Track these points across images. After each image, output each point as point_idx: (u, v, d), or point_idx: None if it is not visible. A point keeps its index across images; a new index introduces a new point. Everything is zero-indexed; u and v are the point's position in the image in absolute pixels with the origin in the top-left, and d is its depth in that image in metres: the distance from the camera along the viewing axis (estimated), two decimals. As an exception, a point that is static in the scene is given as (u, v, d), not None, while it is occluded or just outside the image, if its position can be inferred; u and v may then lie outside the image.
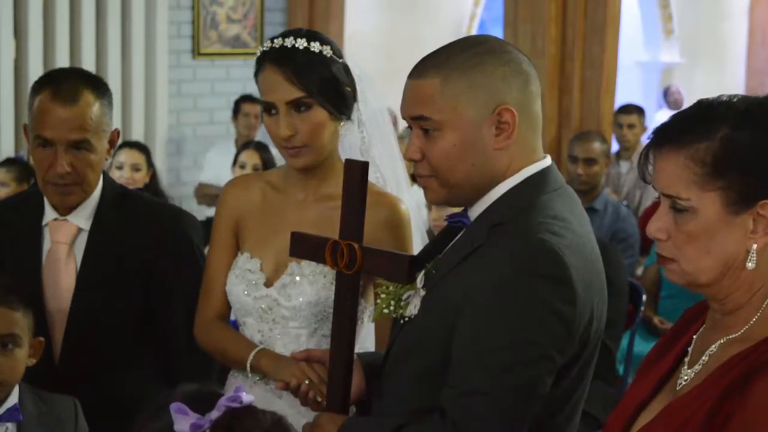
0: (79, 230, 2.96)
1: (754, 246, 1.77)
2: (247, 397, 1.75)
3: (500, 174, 2.18)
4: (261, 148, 6.33)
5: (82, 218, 2.95)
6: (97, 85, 2.92)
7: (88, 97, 2.86)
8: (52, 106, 2.84)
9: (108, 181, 3.01)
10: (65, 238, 2.95)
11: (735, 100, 1.81)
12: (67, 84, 2.88)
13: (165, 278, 2.96)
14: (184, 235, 2.99)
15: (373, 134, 2.76)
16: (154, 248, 2.95)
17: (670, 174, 1.80)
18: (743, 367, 1.72)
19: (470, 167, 2.16)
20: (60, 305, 2.93)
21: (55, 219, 2.96)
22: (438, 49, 2.23)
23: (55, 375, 2.89)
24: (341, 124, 2.65)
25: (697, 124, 1.79)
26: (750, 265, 1.78)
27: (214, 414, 1.74)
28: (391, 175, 2.80)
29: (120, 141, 3.44)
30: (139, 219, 2.99)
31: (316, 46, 2.60)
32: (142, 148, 6.04)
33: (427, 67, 2.18)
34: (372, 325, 2.72)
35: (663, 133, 1.83)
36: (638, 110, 7.99)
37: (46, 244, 2.96)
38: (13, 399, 2.65)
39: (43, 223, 2.97)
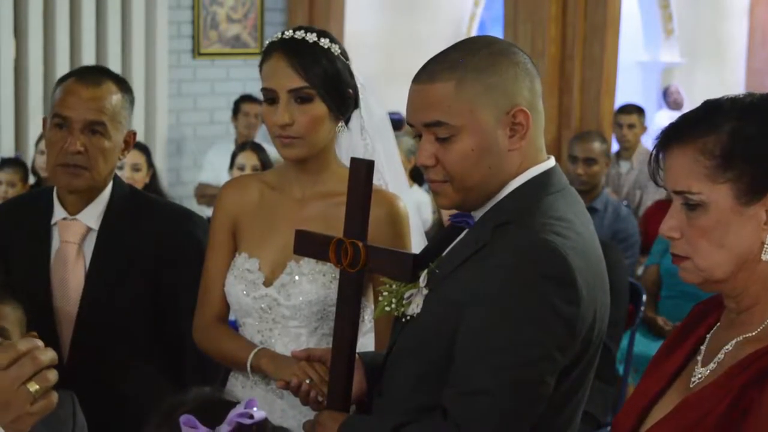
0: (89, 230, 2.96)
1: None
2: (258, 413, 1.73)
3: (511, 175, 2.17)
4: (258, 149, 6.33)
5: (92, 218, 2.96)
6: (121, 81, 3.00)
7: (110, 85, 2.93)
8: (75, 87, 2.91)
9: (118, 182, 3.03)
10: (74, 238, 2.95)
11: (740, 96, 1.83)
12: (93, 72, 2.99)
13: (173, 278, 2.96)
14: (192, 235, 2.99)
15: (376, 141, 2.76)
16: (163, 248, 2.96)
17: (679, 170, 1.81)
18: (760, 364, 1.73)
19: (487, 170, 2.14)
20: (68, 304, 2.94)
21: (65, 218, 2.96)
22: (444, 51, 2.19)
23: (62, 374, 2.88)
24: (338, 125, 2.65)
25: (704, 120, 1.81)
26: (765, 257, 1.78)
27: (224, 428, 1.72)
28: (393, 180, 2.81)
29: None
30: (147, 219, 2.99)
31: (325, 42, 2.61)
32: (142, 148, 6.03)
33: (437, 70, 2.14)
34: (372, 329, 2.72)
35: (671, 132, 1.84)
36: (638, 110, 7.99)
37: (55, 244, 2.97)
38: None
39: (53, 222, 2.98)
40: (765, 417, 1.68)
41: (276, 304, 2.65)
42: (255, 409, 1.74)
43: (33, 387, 1.68)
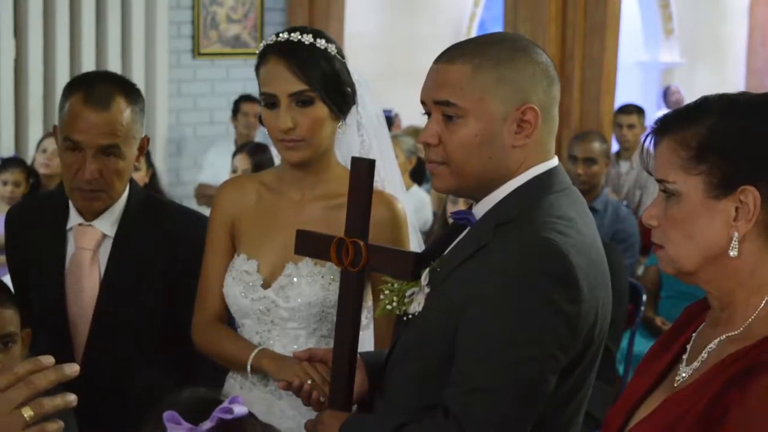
0: (104, 236, 2.94)
1: (736, 234, 1.79)
2: (239, 409, 1.74)
3: (512, 172, 2.18)
4: (253, 153, 6.26)
5: (108, 224, 2.93)
6: (129, 91, 2.90)
7: (120, 103, 2.83)
8: (84, 110, 2.81)
9: (134, 188, 3.00)
10: (90, 244, 2.93)
11: (730, 93, 1.85)
12: (100, 88, 2.85)
13: (186, 283, 2.93)
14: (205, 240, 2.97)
15: (371, 138, 2.76)
16: (178, 253, 2.93)
17: (661, 159, 1.84)
18: (743, 363, 1.74)
19: (487, 160, 2.16)
20: (83, 311, 2.91)
21: (80, 224, 2.94)
22: (469, 39, 2.24)
23: (76, 380, 2.87)
24: (339, 124, 2.65)
25: (690, 114, 1.84)
26: (732, 253, 1.79)
27: (207, 425, 1.73)
28: (389, 177, 2.81)
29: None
30: (162, 224, 2.97)
31: (321, 43, 2.60)
32: (141, 148, 6.01)
33: (458, 53, 2.17)
34: (371, 328, 2.72)
35: (659, 124, 1.87)
36: (638, 110, 7.98)
37: (70, 249, 2.94)
38: None
39: (68, 227, 2.95)
40: (747, 416, 1.69)
41: (274, 306, 2.64)
42: (237, 404, 1.75)
43: (27, 413, 1.64)
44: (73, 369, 1.70)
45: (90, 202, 2.89)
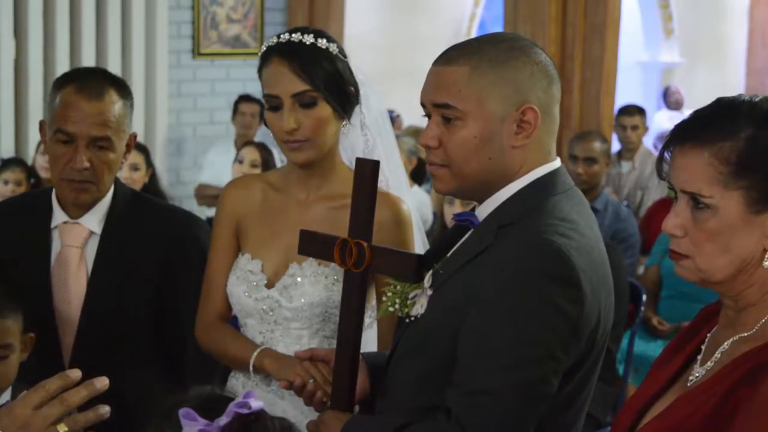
0: (90, 233, 2.93)
1: None
2: (256, 403, 1.74)
3: (513, 173, 2.17)
4: (263, 146, 6.29)
5: (94, 221, 2.93)
6: (121, 85, 2.93)
7: (112, 95, 2.86)
8: (77, 100, 2.83)
9: (120, 185, 3.00)
10: (76, 242, 2.92)
11: (757, 99, 1.81)
12: (93, 80, 2.89)
13: (175, 282, 2.94)
14: (196, 239, 2.96)
15: (375, 137, 2.76)
16: (166, 252, 2.93)
17: (692, 171, 1.80)
18: (754, 362, 1.74)
19: (487, 161, 2.15)
20: (70, 310, 2.91)
21: (66, 222, 2.93)
22: (468, 40, 2.23)
23: None
24: (343, 123, 2.65)
25: (722, 123, 1.80)
26: (767, 264, 1.78)
27: (223, 420, 1.73)
28: (393, 177, 2.80)
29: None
30: (150, 223, 2.97)
31: (323, 43, 2.60)
32: (141, 148, 6.00)
33: (456, 54, 2.17)
34: (374, 328, 2.72)
35: (685, 131, 1.83)
36: (640, 111, 7.98)
37: (56, 247, 2.93)
38: (6, 396, 2.66)
39: (53, 225, 2.94)
40: (755, 414, 1.69)
41: (278, 306, 2.64)
42: (252, 399, 1.75)
43: (63, 429, 1.70)
44: (103, 383, 1.75)
45: (78, 194, 2.88)
